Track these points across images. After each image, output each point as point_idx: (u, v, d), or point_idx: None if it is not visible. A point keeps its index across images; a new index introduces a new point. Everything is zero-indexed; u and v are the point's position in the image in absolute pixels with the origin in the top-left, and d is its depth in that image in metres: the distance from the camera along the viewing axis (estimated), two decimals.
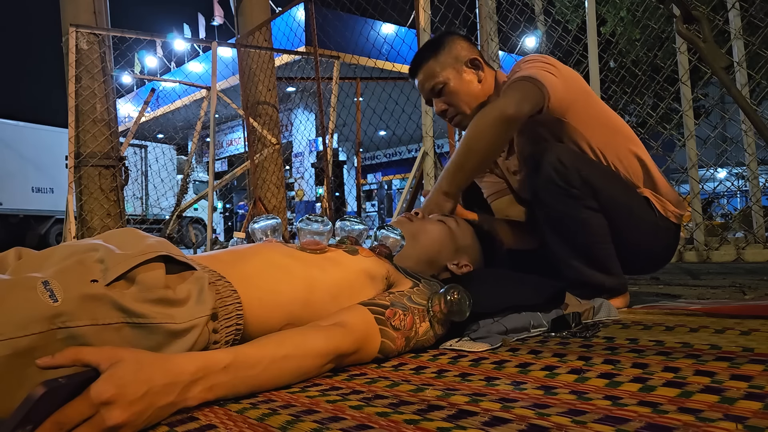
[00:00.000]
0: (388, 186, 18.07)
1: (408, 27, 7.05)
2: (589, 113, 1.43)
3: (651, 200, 1.43)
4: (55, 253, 0.76)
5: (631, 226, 1.41)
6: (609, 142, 1.43)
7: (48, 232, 10.84)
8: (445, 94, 1.51)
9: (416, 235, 1.23)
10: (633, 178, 1.44)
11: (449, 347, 1.01)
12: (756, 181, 2.96)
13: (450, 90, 1.50)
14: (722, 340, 0.95)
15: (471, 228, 1.32)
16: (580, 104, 1.42)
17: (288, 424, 0.61)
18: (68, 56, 4.04)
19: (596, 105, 1.48)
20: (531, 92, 1.32)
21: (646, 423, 0.56)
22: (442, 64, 1.50)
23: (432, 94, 1.53)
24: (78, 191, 4.09)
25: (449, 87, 1.50)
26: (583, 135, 1.41)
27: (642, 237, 1.44)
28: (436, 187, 1.38)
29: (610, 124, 1.47)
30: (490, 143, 1.32)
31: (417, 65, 1.55)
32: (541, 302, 1.14)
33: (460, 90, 1.50)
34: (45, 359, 0.57)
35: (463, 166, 1.35)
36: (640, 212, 1.43)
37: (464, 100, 1.51)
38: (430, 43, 1.58)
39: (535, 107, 1.32)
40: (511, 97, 1.32)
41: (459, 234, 1.27)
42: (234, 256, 0.92)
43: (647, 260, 1.54)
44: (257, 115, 4.93)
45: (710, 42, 1.44)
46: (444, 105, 1.53)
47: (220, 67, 5.06)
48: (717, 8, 2.95)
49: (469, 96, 1.51)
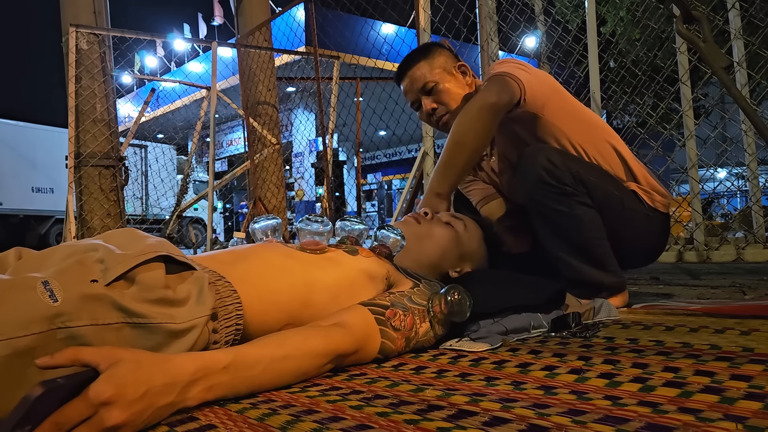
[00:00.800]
0: (388, 186, 18.07)
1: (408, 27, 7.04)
2: (565, 108, 1.45)
3: (638, 193, 1.45)
4: (55, 253, 0.76)
5: (625, 220, 1.42)
6: (588, 137, 1.45)
7: (48, 232, 10.84)
8: (436, 93, 1.52)
9: (421, 240, 1.21)
10: (615, 171, 1.46)
11: (449, 347, 1.00)
12: (756, 181, 2.96)
13: (441, 89, 1.52)
14: (722, 340, 0.95)
15: (479, 231, 1.31)
16: (556, 101, 1.44)
17: (288, 424, 0.61)
18: (68, 56, 4.04)
19: (570, 100, 1.50)
20: (507, 84, 1.35)
21: (646, 423, 0.56)
22: (432, 65, 1.53)
23: (422, 92, 1.54)
24: (78, 191, 4.09)
25: (440, 86, 1.52)
26: (562, 131, 1.43)
27: (635, 230, 1.45)
28: (428, 188, 1.38)
29: (586, 118, 1.49)
30: (478, 134, 1.33)
31: (406, 67, 1.56)
32: (541, 303, 1.14)
33: (451, 90, 1.52)
34: (44, 359, 0.57)
35: (454, 162, 1.35)
36: (631, 206, 1.44)
37: (455, 98, 1.52)
38: (419, 49, 1.62)
39: (513, 98, 1.35)
40: (489, 90, 1.35)
41: (466, 239, 1.26)
42: (234, 257, 0.92)
43: (642, 253, 1.56)
44: (257, 115, 4.93)
45: (710, 42, 1.43)
46: (433, 104, 1.53)
47: (220, 67, 5.06)
48: (717, 8, 2.94)
49: (459, 96, 1.53)
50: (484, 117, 1.32)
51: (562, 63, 3.40)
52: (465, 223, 1.28)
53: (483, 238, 1.31)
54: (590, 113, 1.52)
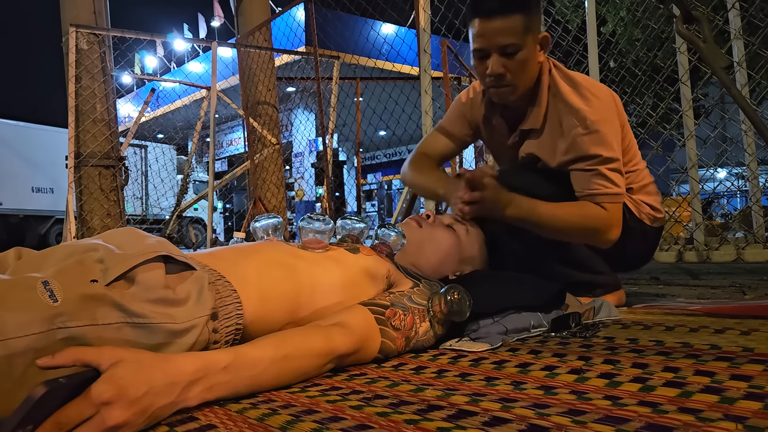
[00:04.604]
0: (388, 186, 18.06)
1: (408, 27, 7.05)
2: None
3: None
4: (54, 253, 0.76)
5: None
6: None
7: (48, 232, 10.84)
8: (512, 59, 1.28)
9: (422, 244, 1.21)
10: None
11: (449, 347, 1.01)
12: (756, 181, 2.96)
13: (520, 58, 1.28)
14: (722, 340, 0.95)
15: (481, 235, 1.31)
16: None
17: (288, 424, 0.61)
18: (68, 56, 4.04)
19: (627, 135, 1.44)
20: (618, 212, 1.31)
21: (646, 423, 0.56)
22: (527, 26, 1.26)
23: (499, 50, 1.27)
24: (78, 191, 4.09)
25: (521, 55, 1.28)
26: None
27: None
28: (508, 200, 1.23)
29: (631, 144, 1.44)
30: (564, 235, 1.31)
31: (499, 7, 1.25)
32: (541, 302, 1.14)
33: (527, 63, 1.31)
34: (45, 359, 0.57)
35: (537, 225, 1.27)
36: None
37: (527, 75, 1.33)
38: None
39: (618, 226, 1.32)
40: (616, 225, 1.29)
41: (467, 243, 1.26)
42: (235, 255, 0.91)
43: (620, 260, 1.50)
44: (257, 115, 4.93)
45: (710, 42, 1.44)
46: (503, 68, 1.29)
47: (220, 67, 5.06)
48: (717, 8, 2.95)
49: (530, 74, 1.33)
50: (588, 238, 1.31)
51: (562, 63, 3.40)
52: (467, 228, 1.28)
53: (484, 242, 1.31)
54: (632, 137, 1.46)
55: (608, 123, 1.29)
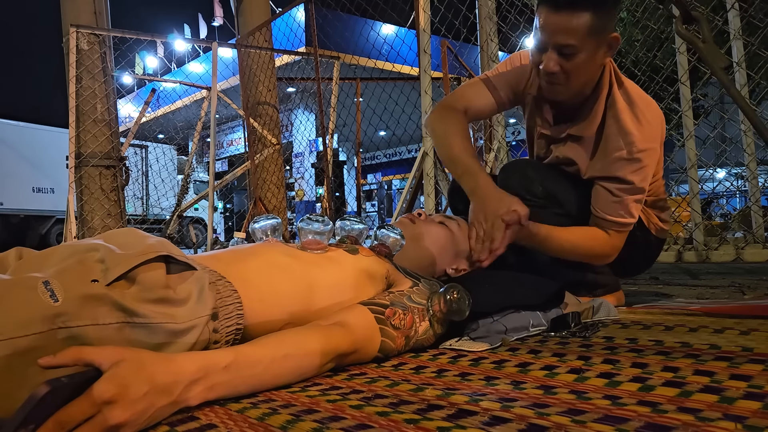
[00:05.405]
0: (388, 186, 18.07)
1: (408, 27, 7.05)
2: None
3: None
4: (55, 253, 0.76)
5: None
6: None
7: (48, 232, 10.84)
8: (569, 59, 1.21)
9: (417, 239, 1.23)
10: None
11: (449, 347, 1.01)
12: (755, 181, 2.96)
13: (577, 61, 1.21)
14: (722, 340, 0.95)
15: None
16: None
17: (288, 423, 0.61)
18: (69, 57, 4.05)
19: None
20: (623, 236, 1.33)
21: (646, 422, 0.56)
22: (594, 27, 1.17)
23: (556, 48, 1.21)
24: (79, 191, 4.10)
25: (579, 57, 1.21)
26: None
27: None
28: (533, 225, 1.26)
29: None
30: (567, 256, 1.33)
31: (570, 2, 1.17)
32: (540, 302, 1.15)
33: (586, 68, 1.24)
34: (47, 359, 0.57)
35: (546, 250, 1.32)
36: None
37: (582, 79, 1.27)
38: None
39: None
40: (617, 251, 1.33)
41: (461, 238, 1.27)
42: (234, 256, 0.92)
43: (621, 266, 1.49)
44: (257, 115, 4.93)
45: (710, 42, 1.44)
46: (558, 67, 1.23)
47: (221, 67, 5.07)
48: (716, 8, 2.95)
49: (587, 77, 1.28)
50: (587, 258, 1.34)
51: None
52: (458, 223, 1.30)
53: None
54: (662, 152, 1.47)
55: (652, 153, 1.27)
